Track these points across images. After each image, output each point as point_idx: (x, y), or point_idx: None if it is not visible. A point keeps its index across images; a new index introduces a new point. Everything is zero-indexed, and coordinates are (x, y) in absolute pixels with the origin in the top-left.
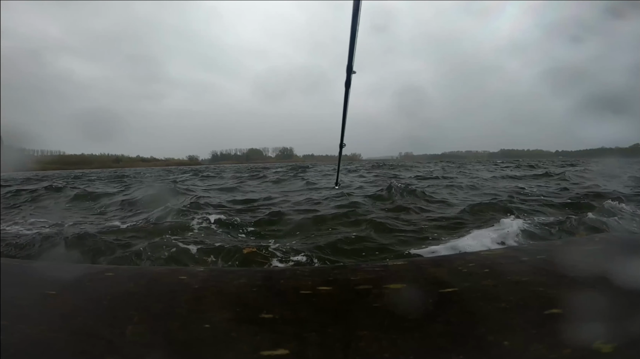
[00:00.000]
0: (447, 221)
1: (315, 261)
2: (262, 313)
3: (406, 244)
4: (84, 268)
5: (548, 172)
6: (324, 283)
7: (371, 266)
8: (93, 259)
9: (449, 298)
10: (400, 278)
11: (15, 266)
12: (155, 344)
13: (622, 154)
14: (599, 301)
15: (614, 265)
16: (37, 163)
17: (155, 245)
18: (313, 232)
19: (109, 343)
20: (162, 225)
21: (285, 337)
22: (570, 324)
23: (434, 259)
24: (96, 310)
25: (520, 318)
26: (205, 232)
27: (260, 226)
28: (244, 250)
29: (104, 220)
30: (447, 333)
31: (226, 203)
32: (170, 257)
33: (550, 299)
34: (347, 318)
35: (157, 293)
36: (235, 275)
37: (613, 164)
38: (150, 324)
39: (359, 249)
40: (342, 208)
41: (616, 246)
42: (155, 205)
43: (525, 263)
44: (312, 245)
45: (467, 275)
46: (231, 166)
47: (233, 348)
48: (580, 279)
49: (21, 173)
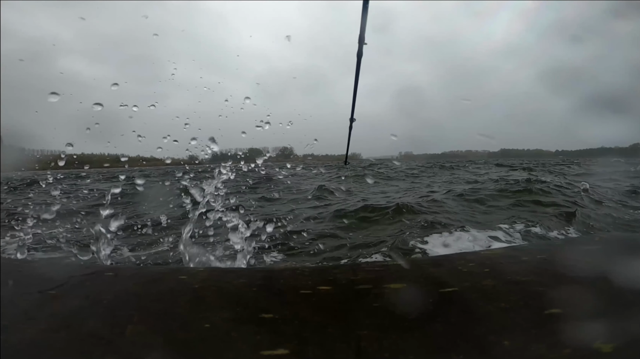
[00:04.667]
0: None
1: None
2: (262, 313)
3: None
4: (84, 268)
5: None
6: (324, 283)
7: (371, 265)
8: (91, 258)
9: (449, 298)
10: (401, 277)
11: (15, 266)
12: (155, 344)
13: (622, 154)
14: (599, 301)
15: (613, 264)
16: (37, 163)
17: None
18: None
19: (109, 343)
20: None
21: (285, 337)
22: (570, 324)
23: (434, 259)
24: (96, 310)
25: (520, 318)
26: None
27: None
28: None
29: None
30: (447, 333)
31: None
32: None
33: (550, 300)
34: (347, 318)
35: (157, 293)
36: (235, 275)
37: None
38: (150, 324)
39: None
40: None
41: (616, 246)
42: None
43: (525, 263)
44: None
45: (467, 275)
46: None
47: (233, 348)
48: (580, 279)
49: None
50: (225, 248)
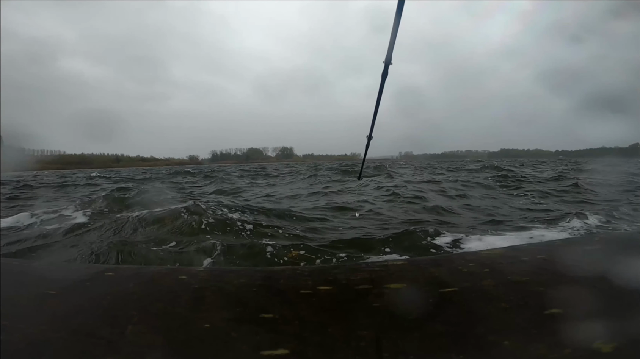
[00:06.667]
0: None
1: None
2: (262, 313)
3: None
4: (84, 268)
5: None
6: (324, 283)
7: (371, 266)
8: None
9: (449, 298)
10: (401, 278)
11: (15, 266)
12: (155, 344)
13: (622, 154)
14: (599, 300)
15: (613, 264)
16: (37, 163)
17: None
18: None
19: (109, 343)
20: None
21: (285, 337)
22: (570, 324)
23: (434, 259)
24: (96, 310)
25: (520, 318)
26: None
27: None
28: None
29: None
30: (447, 333)
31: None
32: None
33: (550, 299)
34: (347, 318)
35: (157, 293)
36: (235, 275)
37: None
38: (150, 324)
39: None
40: None
41: (616, 245)
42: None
43: (525, 263)
44: None
45: (467, 275)
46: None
47: (233, 348)
48: (580, 279)
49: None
50: None
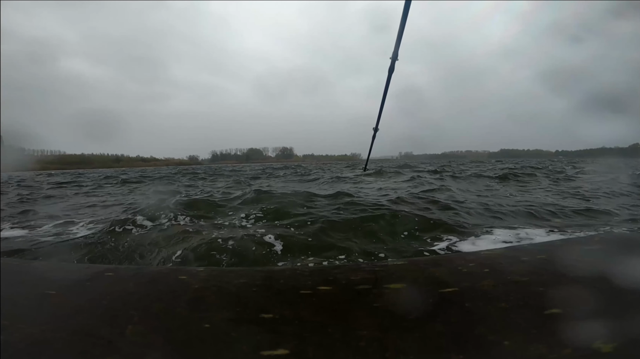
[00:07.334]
0: None
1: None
2: (262, 313)
3: None
4: (84, 268)
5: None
6: (324, 283)
7: (371, 266)
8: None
9: (449, 298)
10: (400, 278)
11: (15, 266)
12: (155, 344)
13: (622, 154)
14: (599, 300)
15: (614, 264)
16: (37, 163)
17: None
18: None
19: (109, 343)
20: None
21: (285, 337)
22: (570, 324)
23: (433, 259)
24: (96, 310)
25: (520, 318)
26: None
27: None
28: None
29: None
30: (447, 333)
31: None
32: None
33: (550, 299)
34: (347, 318)
35: (157, 293)
36: (235, 275)
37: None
38: (150, 324)
39: None
40: None
41: (616, 245)
42: None
43: (525, 263)
44: None
45: (467, 275)
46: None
47: (233, 348)
48: (580, 278)
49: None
50: None
